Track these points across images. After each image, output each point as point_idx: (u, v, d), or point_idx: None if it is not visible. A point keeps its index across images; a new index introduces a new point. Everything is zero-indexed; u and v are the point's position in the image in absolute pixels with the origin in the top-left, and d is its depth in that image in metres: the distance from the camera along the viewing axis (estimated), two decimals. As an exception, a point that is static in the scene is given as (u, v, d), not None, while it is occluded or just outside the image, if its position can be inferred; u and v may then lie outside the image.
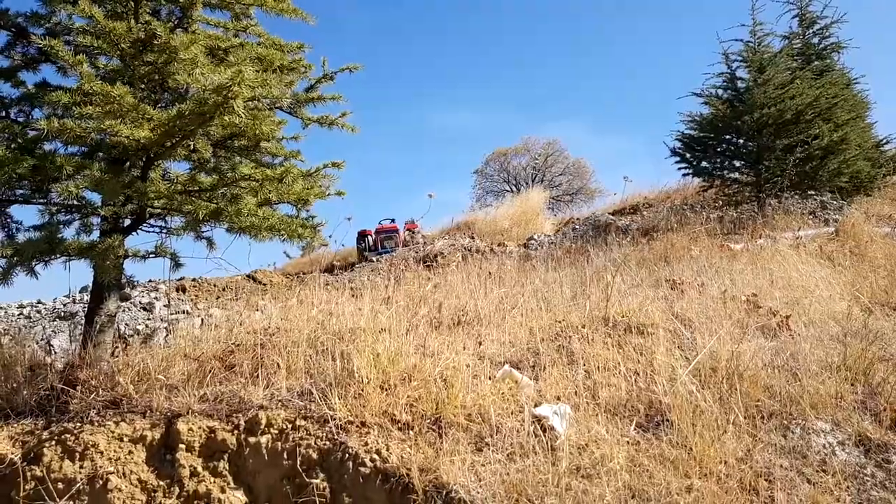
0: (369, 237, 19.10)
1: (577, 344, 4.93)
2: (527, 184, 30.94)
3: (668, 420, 4.07)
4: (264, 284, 16.47)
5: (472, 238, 17.00)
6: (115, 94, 3.18)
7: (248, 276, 16.82)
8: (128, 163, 4.00)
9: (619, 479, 3.45)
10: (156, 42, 3.47)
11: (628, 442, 3.92)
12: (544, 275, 8.01)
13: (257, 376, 4.12)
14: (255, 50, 4.56)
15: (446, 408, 3.90)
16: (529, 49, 64.74)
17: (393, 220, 20.51)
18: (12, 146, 3.63)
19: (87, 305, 4.55)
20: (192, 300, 13.93)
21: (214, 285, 15.57)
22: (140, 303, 12.78)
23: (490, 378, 4.41)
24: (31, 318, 14.99)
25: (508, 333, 5.31)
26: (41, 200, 4.59)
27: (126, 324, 11.86)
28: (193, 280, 15.38)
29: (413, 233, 20.07)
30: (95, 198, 4.48)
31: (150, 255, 4.15)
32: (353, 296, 7.94)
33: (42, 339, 11.17)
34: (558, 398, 4.34)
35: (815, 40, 14.35)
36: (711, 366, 4.54)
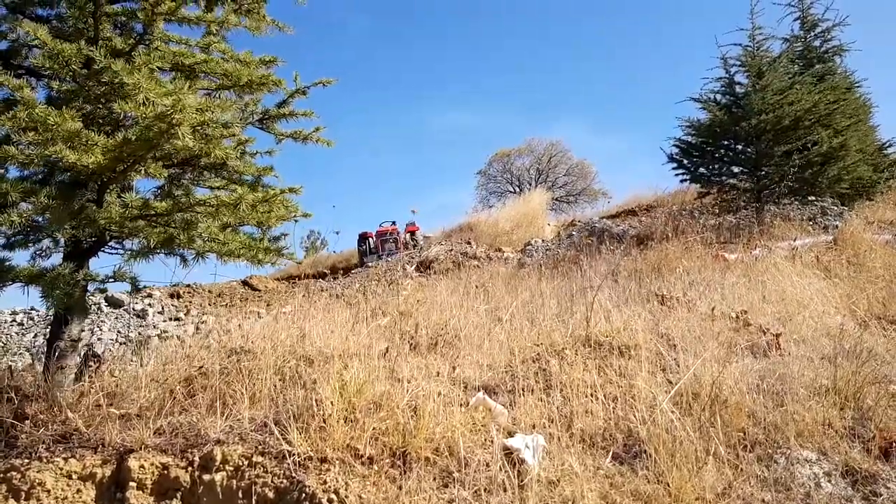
0: (370, 239, 19.02)
1: (556, 367, 4.76)
2: (530, 185, 30.80)
3: (645, 451, 3.90)
4: (259, 290, 16.36)
5: (469, 243, 16.85)
6: (52, 122, 3.05)
7: (243, 281, 16.71)
8: (83, 187, 3.86)
9: (589, 518, 3.29)
10: (94, 67, 3.33)
11: (604, 475, 3.75)
12: (534, 286, 7.87)
13: (218, 405, 3.98)
14: (221, 66, 4.43)
15: (413, 440, 3.74)
16: (529, 52, 64.61)
17: (394, 223, 20.40)
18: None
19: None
20: (186, 306, 13.82)
21: (209, 291, 15.46)
22: (134, 310, 12.69)
23: (463, 406, 4.25)
24: (23, 325, 14.92)
25: (487, 355, 5.15)
26: None
27: (119, 331, 11.75)
28: (188, 286, 15.27)
29: (414, 235, 19.96)
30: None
31: (110, 280, 4.02)
32: (346, 304, 7.82)
33: (33, 348, 11.07)
34: (533, 426, 4.17)
35: (817, 43, 14.15)
36: (694, 391, 4.37)
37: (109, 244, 4.23)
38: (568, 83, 62.93)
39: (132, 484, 3.36)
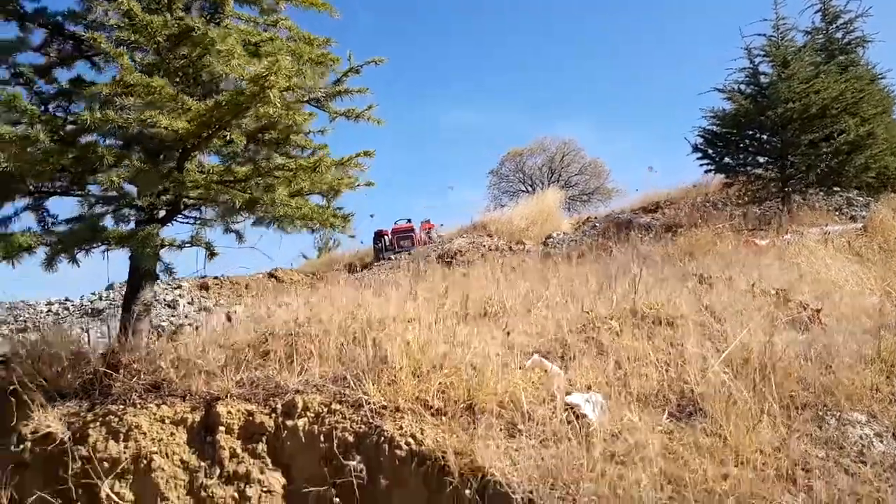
0: (386, 237, 19.18)
1: (606, 335, 4.93)
2: (542, 184, 30.78)
3: (700, 410, 4.06)
4: (284, 282, 16.61)
5: (491, 236, 17.01)
6: (156, 85, 3.25)
7: (270, 274, 16.98)
8: (164, 154, 4.07)
9: (654, 465, 3.44)
10: (193, 35, 3.53)
11: (661, 430, 3.91)
12: (567, 270, 8.02)
13: (291, 363, 4.18)
14: (285, 44, 4.62)
15: (478, 394, 3.93)
16: (532, 50, 64.59)
17: (409, 220, 20.54)
18: (54, 138, 3.70)
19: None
20: (214, 298, 14.08)
21: (237, 283, 15.72)
22: (164, 300, 12.94)
23: (520, 367, 4.43)
24: (58, 314, 15.26)
25: (535, 325, 5.32)
26: (79, 193, 4.69)
27: (150, 321, 11.99)
28: (216, 278, 15.53)
29: (429, 232, 20.12)
30: (130, 189, 4.57)
31: (186, 245, 4.23)
32: (376, 291, 7.99)
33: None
34: (589, 387, 4.34)
35: (839, 35, 14.18)
36: (743, 357, 4.52)
37: (182, 213, 4.44)
38: (572, 81, 62.87)
39: (221, 428, 3.57)
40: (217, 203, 4.06)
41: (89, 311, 12.39)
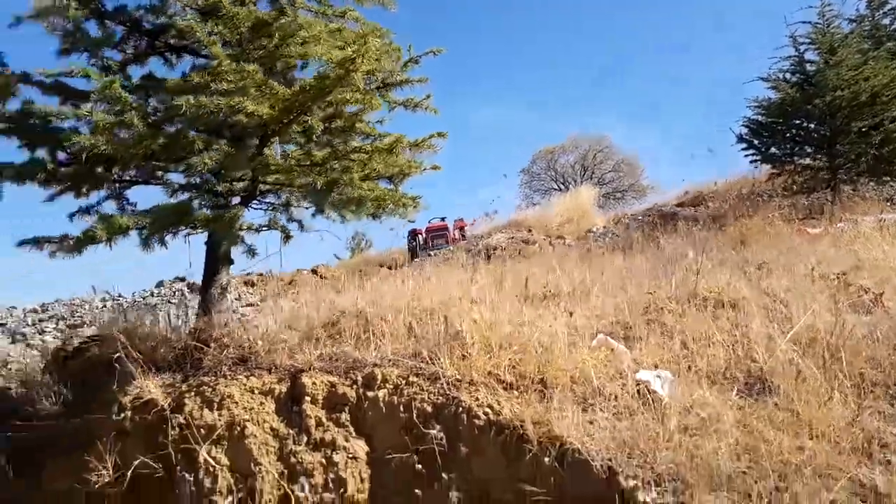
0: (420, 236, 19.30)
1: (668, 316, 4.98)
2: (575, 182, 30.58)
3: (769, 387, 4.10)
4: (326, 279, 16.90)
5: (529, 231, 17.04)
6: (249, 70, 3.44)
7: (312, 270, 17.30)
8: (244, 141, 4.26)
9: (729, 436, 3.51)
10: (278, 23, 3.71)
11: (732, 406, 3.96)
12: (618, 259, 8.05)
13: (363, 341, 4.34)
14: (350, 34, 4.78)
15: (548, 370, 4.03)
16: (562, 46, 64.17)
17: (443, 219, 20.64)
18: (146, 124, 3.91)
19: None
20: (261, 293, 14.42)
21: (281, 279, 16.06)
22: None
23: (587, 347, 4.51)
24: (113, 311, 15.79)
25: (595, 308, 5.40)
26: (159, 182, 4.94)
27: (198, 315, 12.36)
28: (260, 275, 15.89)
29: (463, 230, 20.20)
30: (207, 178, 4.80)
31: (264, 228, 4.42)
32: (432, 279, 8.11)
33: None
34: (655, 366, 4.41)
35: (886, 21, 13.86)
36: (810, 337, 4.53)
37: (255, 199, 4.63)
38: (602, 78, 62.36)
39: (307, 398, 3.75)
40: (294, 187, 4.24)
41: (142, 306, 12.81)
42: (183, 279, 15.00)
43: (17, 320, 16.79)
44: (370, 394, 3.77)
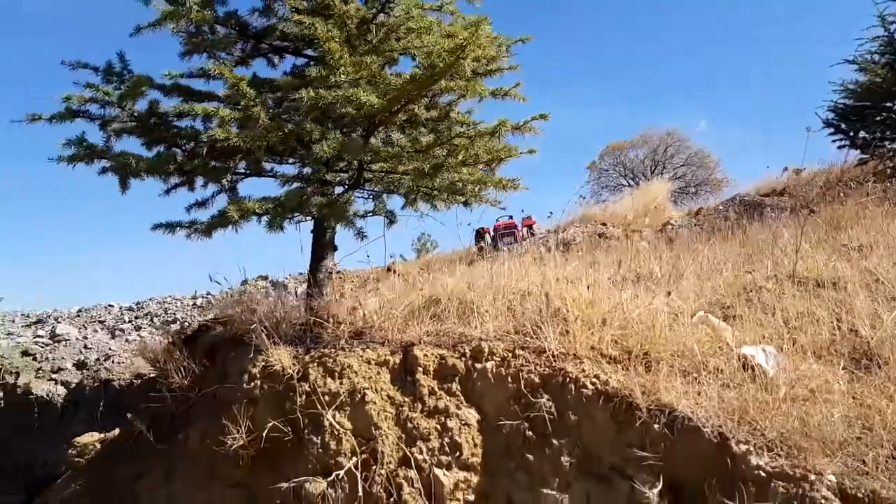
0: (488, 234, 19.38)
1: (767, 295, 4.96)
2: (645, 177, 29.92)
3: (878, 362, 4.05)
4: (402, 275, 17.20)
5: (603, 225, 16.89)
6: (367, 62, 3.71)
7: (388, 268, 17.67)
8: (351, 131, 4.55)
9: (840, 405, 3.50)
10: (387, 16, 3.97)
11: (840, 378, 3.93)
12: (706, 246, 7.96)
13: (465, 319, 4.55)
14: (444, 28, 4.99)
15: (651, 345, 4.12)
16: (623, 46, 62.88)
17: (511, 217, 20.67)
18: (267, 118, 4.23)
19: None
20: (339, 291, 14.84)
21: (358, 276, 16.57)
22: (295, 293, 13.88)
23: (687, 324, 4.56)
24: (202, 307, 16.67)
25: (691, 289, 5.41)
26: (268, 175, 5.33)
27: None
28: (339, 272, 16.40)
29: (531, 228, 20.16)
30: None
31: (369, 214, 4.71)
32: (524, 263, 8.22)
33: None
34: (757, 342, 4.41)
35: (984, -5, 13.01)
36: (919, 314, 4.42)
37: (360, 187, 4.92)
38: (669, 74, 60.77)
39: (419, 369, 3.99)
40: (398, 174, 4.50)
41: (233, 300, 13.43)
42: (265, 277, 15.72)
43: (115, 317, 18.04)
44: (478, 365, 3.98)
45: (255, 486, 3.89)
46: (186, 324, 6.00)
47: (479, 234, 19.63)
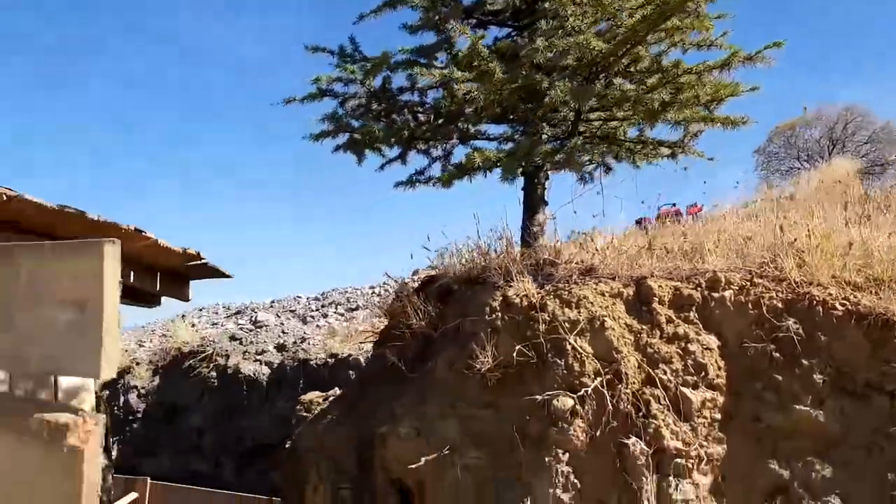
0: (649, 224, 18.72)
1: None
2: (821, 158, 27.24)
3: None
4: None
5: (791, 198, 15.78)
6: (606, 3, 4.01)
7: (636, 222, 17.51)
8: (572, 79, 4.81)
9: None
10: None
11: None
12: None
13: (689, 256, 4.66)
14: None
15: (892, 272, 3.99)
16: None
17: (674, 205, 19.84)
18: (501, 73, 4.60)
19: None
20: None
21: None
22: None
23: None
24: (380, 294, 17.88)
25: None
26: (483, 138, 5.80)
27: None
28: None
29: (697, 216, 19.21)
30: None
31: (587, 162, 4.98)
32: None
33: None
34: None
35: None
36: None
37: (577, 134, 5.17)
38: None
39: (654, 299, 4.20)
40: (619, 119, 4.73)
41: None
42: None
43: (303, 307, 19.90)
44: (715, 294, 4.09)
45: (502, 405, 4.29)
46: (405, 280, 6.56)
47: (639, 224, 19.11)
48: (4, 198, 4.34)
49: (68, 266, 1.55)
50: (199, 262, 7.72)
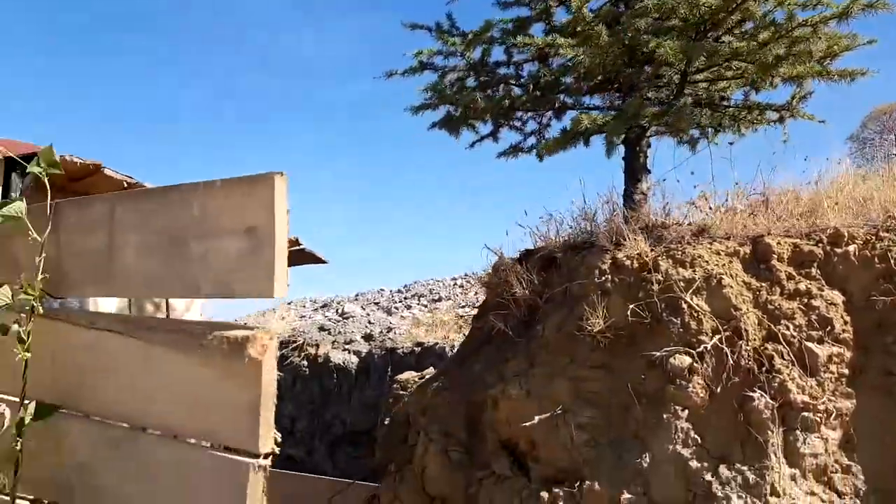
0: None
1: None
2: (922, 141, 25.31)
3: None
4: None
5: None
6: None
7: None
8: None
9: None
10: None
11: None
12: None
13: (804, 217, 4.54)
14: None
15: None
16: None
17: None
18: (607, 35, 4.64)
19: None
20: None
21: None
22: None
23: None
24: (463, 287, 18.07)
25: None
26: (582, 108, 5.83)
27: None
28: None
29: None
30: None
31: (695, 126, 4.93)
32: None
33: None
34: None
35: None
36: None
37: (682, 93, 5.11)
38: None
39: (773, 256, 4.14)
40: (727, 78, 4.67)
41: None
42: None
43: (387, 299, 20.38)
44: (838, 250, 3.99)
45: (614, 366, 4.33)
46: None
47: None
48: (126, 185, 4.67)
49: (239, 198, 1.66)
50: (297, 247, 8.07)
